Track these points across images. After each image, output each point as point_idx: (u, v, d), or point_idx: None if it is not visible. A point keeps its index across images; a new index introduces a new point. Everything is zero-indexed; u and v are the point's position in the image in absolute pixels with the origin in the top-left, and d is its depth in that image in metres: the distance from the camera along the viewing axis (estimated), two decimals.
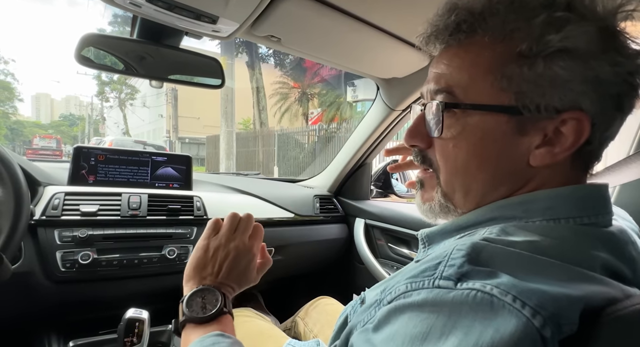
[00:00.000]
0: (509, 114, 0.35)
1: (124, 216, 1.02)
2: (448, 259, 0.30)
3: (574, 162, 0.36)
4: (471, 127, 0.37)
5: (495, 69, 0.35)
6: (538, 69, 0.33)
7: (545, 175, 0.37)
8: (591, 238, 0.33)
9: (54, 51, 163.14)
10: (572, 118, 0.34)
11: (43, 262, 0.91)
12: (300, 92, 15.01)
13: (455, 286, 0.28)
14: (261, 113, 12.84)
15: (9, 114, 29.34)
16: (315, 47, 0.94)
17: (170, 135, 16.59)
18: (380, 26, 0.81)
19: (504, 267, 0.28)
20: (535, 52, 0.33)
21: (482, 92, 0.36)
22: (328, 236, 1.46)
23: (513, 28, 0.34)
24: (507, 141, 0.36)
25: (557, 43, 0.32)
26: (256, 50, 12.73)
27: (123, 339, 0.80)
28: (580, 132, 0.34)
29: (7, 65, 27.01)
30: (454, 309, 0.27)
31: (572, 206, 0.35)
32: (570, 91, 0.33)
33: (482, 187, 0.38)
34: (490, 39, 0.36)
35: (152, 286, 1.07)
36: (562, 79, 0.33)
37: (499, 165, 0.37)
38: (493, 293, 0.26)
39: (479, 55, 0.36)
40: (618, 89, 0.33)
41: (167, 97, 17.48)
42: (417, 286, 0.30)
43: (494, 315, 0.25)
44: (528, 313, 0.25)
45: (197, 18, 0.74)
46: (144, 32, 0.83)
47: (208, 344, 0.43)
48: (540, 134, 0.35)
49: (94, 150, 1.11)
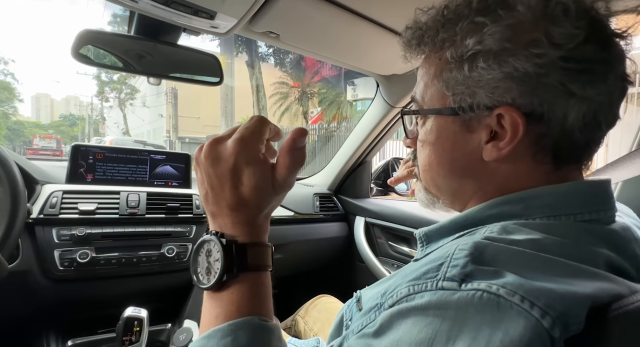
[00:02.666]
0: (453, 115, 0.39)
1: (123, 214, 1.02)
2: (451, 260, 0.29)
3: (536, 155, 0.36)
4: (430, 127, 0.42)
5: (438, 75, 0.39)
6: (465, 72, 0.36)
7: (507, 169, 0.38)
8: (592, 235, 0.33)
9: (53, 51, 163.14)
10: (505, 113, 0.35)
11: (41, 261, 0.90)
12: (300, 91, 15.00)
13: (459, 287, 0.27)
14: (261, 112, 12.83)
15: (9, 114, 29.33)
16: (314, 44, 0.93)
17: (171, 135, 16.59)
18: (379, 21, 0.81)
19: (508, 266, 0.28)
20: (458, 56, 0.36)
21: (432, 98, 0.41)
22: (328, 234, 1.46)
23: (444, 38, 0.38)
24: (459, 138, 0.39)
25: (474, 46, 0.35)
26: (256, 49, 12.72)
27: (122, 337, 0.80)
28: (515, 126, 0.34)
29: (6, 65, 27.02)
30: (459, 312, 0.26)
31: (572, 202, 0.35)
32: (496, 88, 0.35)
33: (446, 181, 0.42)
34: (431, 50, 0.40)
35: (151, 284, 1.06)
36: (485, 78, 0.35)
37: (454, 161, 0.40)
38: (500, 293, 0.25)
39: (430, 64, 0.41)
40: (555, 76, 0.33)
41: (167, 97, 17.49)
42: (419, 289, 0.29)
43: (502, 316, 0.24)
44: (537, 314, 0.24)
45: (195, 14, 0.73)
46: (141, 28, 0.82)
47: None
48: (487, 129, 0.37)
49: (92, 149, 1.10)
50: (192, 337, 0.88)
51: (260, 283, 0.38)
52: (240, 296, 0.36)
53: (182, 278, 1.10)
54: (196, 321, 1.07)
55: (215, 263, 0.36)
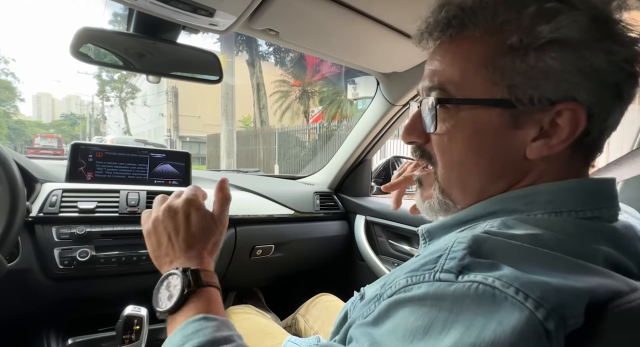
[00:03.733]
0: (502, 107, 0.35)
1: (123, 212, 1.02)
2: (449, 252, 0.29)
3: (574, 154, 0.36)
4: (464, 121, 0.37)
5: (487, 62, 0.35)
6: (530, 61, 0.33)
7: (543, 167, 0.36)
8: (593, 232, 0.33)
9: (54, 50, 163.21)
10: (567, 109, 0.33)
11: (41, 260, 0.90)
12: (300, 90, 14.99)
13: (456, 278, 0.27)
14: (262, 111, 12.83)
15: (10, 113, 29.37)
16: (314, 41, 0.93)
17: (171, 134, 16.60)
18: (379, 19, 0.80)
19: (505, 259, 0.28)
20: (526, 43, 0.33)
21: (474, 87, 0.36)
22: (328, 232, 1.45)
23: (503, 21, 0.34)
24: (502, 135, 0.36)
25: (548, 34, 0.32)
26: (256, 48, 12.72)
27: (121, 336, 0.79)
28: (577, 123, 0.33)
29: (7, 64, 27.03)
30: (455, 302, 0.26)
31: (575, 199, 0.34)
32: (564, 82, 0.33)
33: (478, 182, 0.38)
34: (481, 33, 0.36)
35: (151, 283, 1.04)
36: (554, 70, 0.32)
37: (494, 159, 0.37)
38: (495, 285, 0.25)
39: (470, 49, 0.36)
40: (615, 77, 0.33)
41: (167, 96, 17.49)
42: (417, 280, 0.29)
43: (497, 308, 0.25)
44: (531, 305, 0.24)
45: (194, 11, 0.73)
46: (140, 26, 0.82)
47: (191, 332, 0.39)
48: (536, 126, 0.35)
49: (92, 147, 1.10)
50: None
51: (213, 297, 0.45)
52: (193, 307, 0.43)
53: None
54: None
55: (175, 288, 0.44)
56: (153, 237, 0.51)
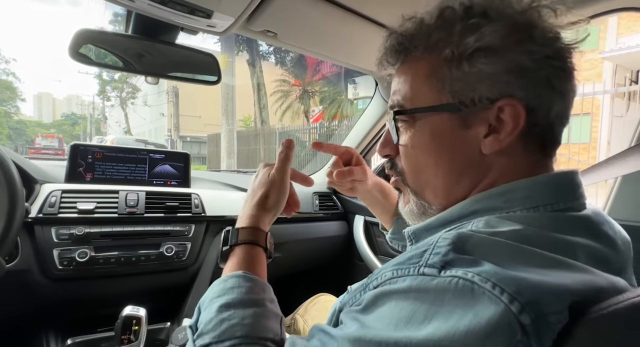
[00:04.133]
0: (449, 111, 0.40)
1: (122, 213, 1.02)
2: (434, 248, 0.31)
3: (527, 146, 0.39)
4: (421, 128, 0.42)
5: (430, 75, 0.40)
6: (464, 68, 0.38)
7: (502, 161, 0.39)
8: (569, 223, 0.36)
9: (55, 50, 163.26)
10: (506, 105, 0.37)
11: (40, 260, 0.91)
12: (301, 89, 15.00)
13: (439, 273, 0.29)
14: (262, 111, 12.83)
15: (11, 113, 29.41)
16: (312, 42, 0.93)
17: (172, 134, 16.61)
18: (377, 20, 0.80)
19: (488, 255, 0.29)
20: (458, 54, 0.38)
21: (423, 98, 0.41)
22: (327, 233, 1.45)
23: (437, 39, 0.40)
24: (455, 135, 0.40)
25: (474, 44, 0.37)
26: (257, 48, 12.71)
27: (120, 336, 0.80)
28: (518, 116, 0.37)
29: (8, 64, 27.07)
30: (437, 296, 0.28)
31: (549, 193, 0.37)
32: (497, 82, 0.37)
33: (444, 181, 0.42)
34: (421, 53, 0.42)
35: (150, 283, 1.07)
36: (486, 72, 0.37)
37: (453, 158, 0.41)
38: (474, 280, 0.27)
39: (417, 67, 0.42)
40: (544, 72, 0.37)
41: (168, 96, 17.50)
42: (402, 273, 0.31)
43: (475, 301, 0.26)
44: (506, 299, 0.25)
45: (192, 13, 0.73)
46: (139, 27, 0.82)
47: (228, 287, 0.46)
48: (484, 124, 0.39)
49: (91, 148, 1.10)
50: None
51: (248, 253, 0.52)
52: (234, 262, 0.51)
53: (180, 277, 1.10)
54: None
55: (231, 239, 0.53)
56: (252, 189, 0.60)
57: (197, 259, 1.12)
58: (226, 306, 0.43)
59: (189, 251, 1.09)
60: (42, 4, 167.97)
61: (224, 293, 0.45)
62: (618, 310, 0.26)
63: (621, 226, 0.44)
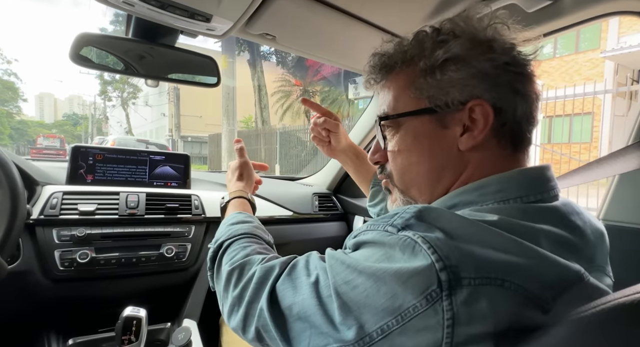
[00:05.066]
0: (428, 114, 0.46)
1: (122, 214, 1.03)
2: (402, 213, 0.37)
3: (500, 142, 0.44)
4: (404, 131, 0.48)
5: (409, 85, 0.47)
6: (437, 76, 0.44)
7: (478, 157, 0.45)
8: (535, 213, 0.40)
9: (56, 51, 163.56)
10: (476, 105, 0.43)
11: (41, 261, 0.91)
12: (302, 89, 15.00)
13: (397, 232, 0.36)
14: (263, 111, 12.84)
15: (13, 114, 29.48)
16: (310, 45, 0.94)
17: (173, 134, 16.63)
18: (374, 23, 0.81)
19: (443, 226, 0.35)
20: (430, 65, 0.45)
21: (405, 105, 0.48)
22: (327, 233, 1.46)
23: (412, 55, 0.47)
24: (435, 136, 0.46)
25: (443, 55, 0.44)
26: (257, 48, 12.71)
27: (121, 337, 0.80)
28: (487, 115, 0.43)
29: (10, 65, 27.18)
30: (391, 247, 0.36)
31: (520, 187, 0.42)
32: (466, 86, 0.43)
33: (427, 178, 0.47)
34: (400, 67, 0.49)
35: (151, 284, 1.07)
36: (456, 79, 0.43)
37: (434, 156, 0.46)
38: (417, 240, 0.34)
39: (397, 80, 0.49)
40: (505, 77, 0.43)
41: (169, 96, 17.52)
42: (372, 228, 0.39)
43: (413, 256, 0.33)
44: (434, 258, 0.32)
45: (191, 16, 0.74)
46: (139, 31, 0.83)
47: (232, 217, 0.70)
48: (460, 124, 0.44)
49: (92, 150, 1.11)
50: (190, 336, 0.89)
51: (240, 202, 0.81)
52: (232, 207, 0.79)
53: (181, 277, 1.11)
54: (195, 320, 1.08)
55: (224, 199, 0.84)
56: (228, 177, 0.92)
57: (197, 260, 1.13)
58: (232, 224, 0.67)
59: (189, 252, 1.09)
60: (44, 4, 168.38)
61: (230, 219, 0.69)
62: (603, 310, 0.27)
63: (618, 228, 0.46)
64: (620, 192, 0.83)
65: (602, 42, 9.15)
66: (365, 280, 0.35)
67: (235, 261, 0.56)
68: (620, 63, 8.81)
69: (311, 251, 0.49)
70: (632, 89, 5.72)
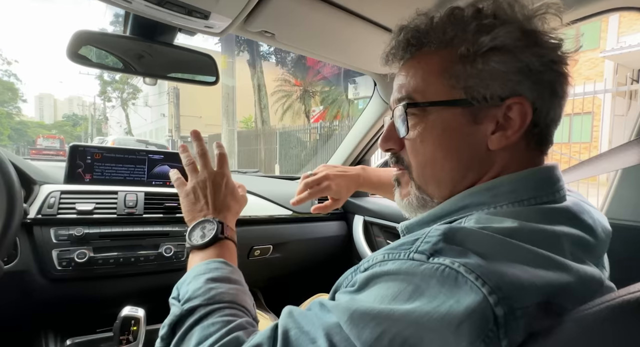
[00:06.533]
0: (461, 106, 0.41)
1: (121, 214, 1.02)
2: (425, 237, 0.33)
3: (529, 144, 0.42)
4: (432, 122, 0.43)
5: (444, 70, 0.42)
6: (478, 66, 0.40)
7: (505, 157, 0.41)
8: (552, 214, 0.38)
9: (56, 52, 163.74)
10: (515, 103, 0.39)
11: (39, 261, 0.91)
12: (302, 90, 14.99)
13: (427, 259, 0.31)
14: (263, 111, 12.84)
15: (13, 114, 29.48)
16: (310, 43, 0.93)
17: (173, 135, 16.64)
18: (374, 20, 0.80)
19: (475, 247, 0.31)
20: (473, 52, 0.40)
21: (436, 92, 0.42)
22: (327, 233, 1.45)
23: (452, 36, 0.42)
24: (465, 130, 0.41)
25: (489, 43, 0.39)
26: (257, 48, 12.71)
27: (119, 337, 0.80)
28: (525, 114, 0.39)
29: (10, 66, 27.17)
30: (423, 280, 0.30)
31: (532, 186, 0.39)
32: (509, 81, 0.39)
33: (450, 175, 0.43)
34: (435, 48, 0.43)
35: (149, 283, 1.07)
36: (499, 71, 0.39)
37: (462, 153, 0.42)
38: (459, 270, 0.29)
39: (429, 62, 0.43)
40: (548, 76, 0.40)
41: (169, 97, 17.53)
42: (393, 257, 0.34)
43: (458, 289, 0.28)
44: (486, 291, 0.28)
45: (189, 14, 0.73)
46: (136, 28, 0.83)
47: (213, 268, 0.52)
48: (493, 121, 0.41)
49: (90, 149, 1.10)
50: None
51: (231, 247, 0.60)
52: (218, 251, 0.58)
53: (180, 277, 1.10)
54: None
55: (209, 231, 0.59)
56: (192, 196, 0.64)
57: None
58: (213, 280, 0.50)
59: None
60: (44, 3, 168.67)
61: (209, 272, 0.52)
62: (608, 307, 0.26)
63: (620, 226, 0.46)
64: (622, 189, 0.83)
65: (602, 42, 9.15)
66: (403, 329, 0.28)
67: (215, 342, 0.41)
68: (620, 63, 8.81)
69: (290, 308, 0.40)
70: (632, 88, 5.72)
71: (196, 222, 0.60)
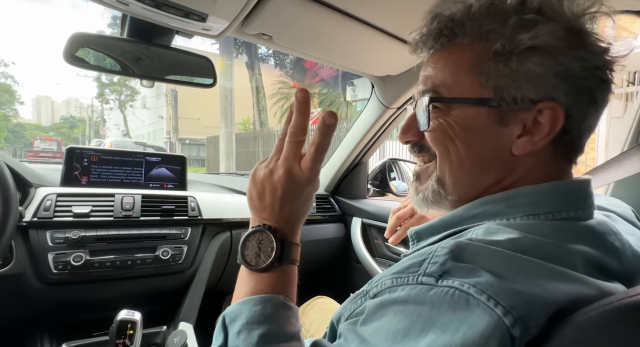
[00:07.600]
0: (488, 106, 0.38)
1: (117, 216, 1.02)
2: (432, 257, 0.31)
3: (556, 152, 0.39)
4: (455, 118, 0.40)
5: (474, 66, 0.39)
6: (512, 65, 0.36)
7: (529, 164, 0.39)
8: (569, 232, 0.35)
9: (54, 53, 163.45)
10: (547, 108, 0.36)
11: (35, 264, 0.90)
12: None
13: (436, 282, 0.29)
14: (261, 113, 12.83)
15: (10, 116, 29.38)
16: (307, 45, 0.93)
17: (171, 137, 16.61)
18: (372, 23, 0.80)
19: (485, 264, 0.29)
20: (509, 49, 0.36)
21: (464, 88, 0.40)
22: (325, 235, 1.45)
23: (488, 30, 0.38)
24: (490, 131, 0.39)
25: (528, 41, 0.35)
26: (256, 50, 12.72)
27: (115, 341, 0.79)
28: (556, 121, 0.36)
29: (7, 67, 27.09)
30: (434, 307, 0.28)
31: (553, 201, 0.37)
32: (543, 84, 0.36)
33: (469, 174, 0.41)
34: (469, 41, 0.40)
35: (146, 287, 1.06)
36: (534, 73, 0.36)
37: (483, 153, 0.40)
38: (470, 292, 0.27)
39: (460, 56, 0.40)
40: (588, 82, 0.36)
41: (167, 99, 17.50)
42: (401, 282, 0.32)
43: (470, 312, 0.27)
44: (500, 312, 0.26)
45: (186, 16, 0.73)
46: (134, 31, 0.82)
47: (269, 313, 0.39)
48: (520, 124, 0.38)
49: (87, 151, 1.10)
50: (186, 339, 0.87)
51: (292, 273, 0.45)
52: (276, 279, 0.43)
53: (177, 280, 1.10)
54: (191, 323, 1.07)
55: (265, 250, 0.43)
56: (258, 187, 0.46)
57: (194, 263, 1.11)
58: (268, 338, 0.38)
59: (185, 254, 1.08)
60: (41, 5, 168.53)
61: (265, 320, 0.39)
62: (605, 311, 0.26)
63: None
64: (617, 195, 0.83)
65: None
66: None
67: None
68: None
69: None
70: (628, 90, 5.74)
71: (253, 230, 0.44)
